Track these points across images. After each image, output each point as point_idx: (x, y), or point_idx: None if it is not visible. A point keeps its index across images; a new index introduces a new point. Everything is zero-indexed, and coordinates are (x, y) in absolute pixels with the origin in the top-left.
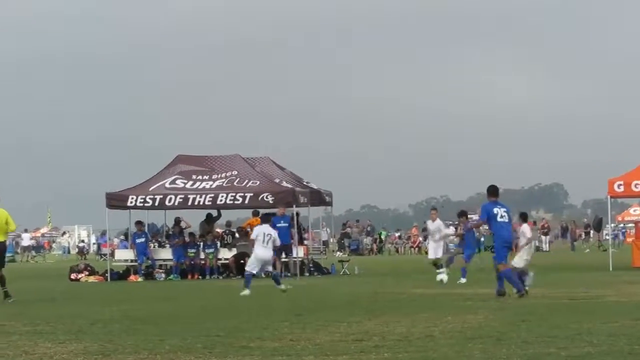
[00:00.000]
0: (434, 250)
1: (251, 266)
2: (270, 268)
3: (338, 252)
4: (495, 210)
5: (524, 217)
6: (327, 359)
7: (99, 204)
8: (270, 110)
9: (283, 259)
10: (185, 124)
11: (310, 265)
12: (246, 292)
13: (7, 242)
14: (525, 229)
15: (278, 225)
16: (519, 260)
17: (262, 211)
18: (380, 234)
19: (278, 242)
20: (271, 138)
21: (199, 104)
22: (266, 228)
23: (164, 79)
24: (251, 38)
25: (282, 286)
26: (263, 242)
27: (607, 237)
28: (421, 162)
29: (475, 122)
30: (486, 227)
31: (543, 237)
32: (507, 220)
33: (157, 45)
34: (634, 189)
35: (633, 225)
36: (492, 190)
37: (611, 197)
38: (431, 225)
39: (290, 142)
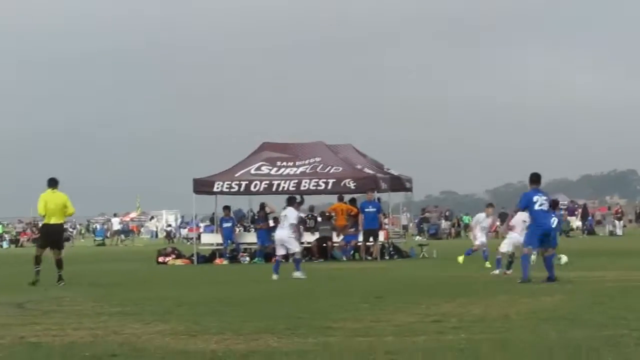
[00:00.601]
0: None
1: (278, 250)
2: (292, 249)
3: (417, 236)
4: (535, 198)
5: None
6: (405, 339)
7: (187, 189)
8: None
9: (369, 243)
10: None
11: (391, 248)
12: (274, 277)
13: (71, 226)
14: (520, 217)
15: (366, 210)
16: (504, 245)
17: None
18: (462, 219)
19: (292, 221)
20: (353, 129)
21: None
22: (287, 210)
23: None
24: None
25: (299, 273)
26: (281, 223)
27: None
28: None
29: (543, 112)
30: None
31: (617, 222)
32: (545, 209)
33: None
34: None
35: None
36: (535, 178)
37: None
38: (484, 221)
39: (367, 134)
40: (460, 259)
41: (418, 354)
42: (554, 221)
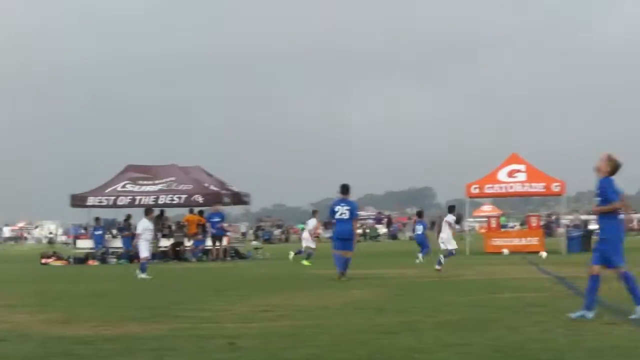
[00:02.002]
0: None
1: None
2: (141, 254)
3: (254, 241)
4: (337, 208)
5: (450, 209)
6: (242, 325)
7: (64, 203)
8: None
9: (216, 247)
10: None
11: (232, 251)
12: (140, 275)
13: None
14: (450, 219)
15: (212, 220)
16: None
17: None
18: (298, 226)
19: (139, 230)
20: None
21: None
22: (141, 220)
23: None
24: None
25: (143, 275)
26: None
27: (465, 229)
28: (318, 169)
29: (363, 136)
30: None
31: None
32: (345, 218)
33: None
34: (486, 190)
35: (485, 219)
36: (343, 190)
37: (469, 197)
38: (311, 225)
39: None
40: (305, 262)
41: (251, 338)
42: (420, 228)
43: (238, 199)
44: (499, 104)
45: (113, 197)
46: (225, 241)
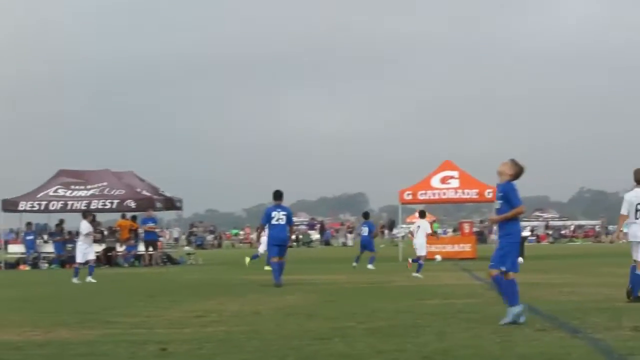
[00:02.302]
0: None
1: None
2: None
3: (186, 247)
4: (274, 213)
5: (421, 214)
6: (174, 331)
7: None
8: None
9: (149, 252)
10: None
11: (164, 257)
12: (74, 280)
13: None
14: (423, 223)
15: (146, 225)
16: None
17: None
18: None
19: (84, 231)
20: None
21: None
22: (81, 223)
23: None
24: None
25: (89, 278)
26: (80, 234)
27: (398, 235)
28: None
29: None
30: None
31: (348, 235)
32: (282, 223)
33: None
34: (419, 197)
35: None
36: (277, 196)
37: (402, 203)
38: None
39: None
40: (267, 268)
41: (183, 343)
42: (366, 230)
43: (170, 204)
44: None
45: (45, 202)
46: (158, 246)
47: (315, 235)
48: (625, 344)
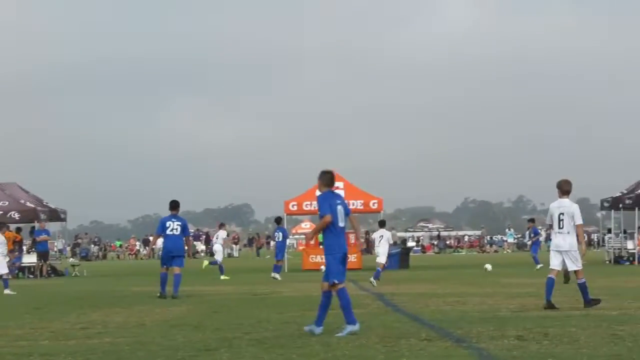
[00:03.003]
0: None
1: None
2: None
3: (71, 258)
4: (168, 223)
5: (381, 224)
6: (59, 343)
7: None
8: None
9: (41, 264)
10: None
11: (49, 269)
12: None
13: None
14: (385, 232)
15: (41, 236)
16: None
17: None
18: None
19: None
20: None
21: None
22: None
23: None
24: None
25: (7, 290)
26: None
27: None
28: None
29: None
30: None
31: (234, 246)
32: (177, 233)
33: None
34: (304, 208)
35: (304, 236)
36: (173, 205)
37: (287, 214)
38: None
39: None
40: (224, 275)
41: (68, 355)
42: (280, 235)
43: (55, 215)
44: (321, 121)
45: None
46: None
47: (200, 246)
48: (509, 353)
